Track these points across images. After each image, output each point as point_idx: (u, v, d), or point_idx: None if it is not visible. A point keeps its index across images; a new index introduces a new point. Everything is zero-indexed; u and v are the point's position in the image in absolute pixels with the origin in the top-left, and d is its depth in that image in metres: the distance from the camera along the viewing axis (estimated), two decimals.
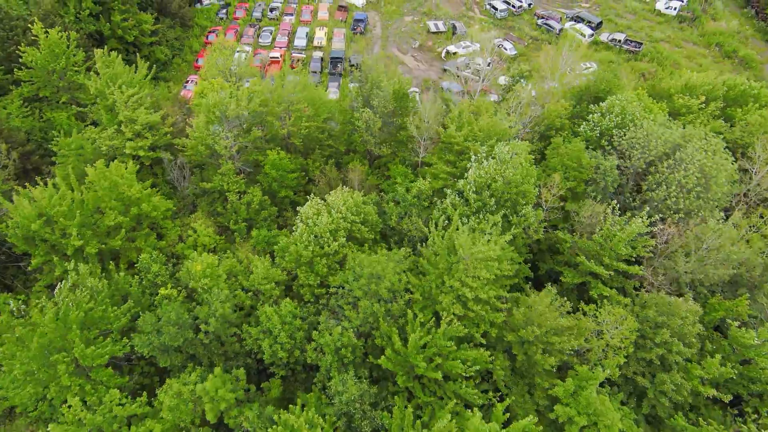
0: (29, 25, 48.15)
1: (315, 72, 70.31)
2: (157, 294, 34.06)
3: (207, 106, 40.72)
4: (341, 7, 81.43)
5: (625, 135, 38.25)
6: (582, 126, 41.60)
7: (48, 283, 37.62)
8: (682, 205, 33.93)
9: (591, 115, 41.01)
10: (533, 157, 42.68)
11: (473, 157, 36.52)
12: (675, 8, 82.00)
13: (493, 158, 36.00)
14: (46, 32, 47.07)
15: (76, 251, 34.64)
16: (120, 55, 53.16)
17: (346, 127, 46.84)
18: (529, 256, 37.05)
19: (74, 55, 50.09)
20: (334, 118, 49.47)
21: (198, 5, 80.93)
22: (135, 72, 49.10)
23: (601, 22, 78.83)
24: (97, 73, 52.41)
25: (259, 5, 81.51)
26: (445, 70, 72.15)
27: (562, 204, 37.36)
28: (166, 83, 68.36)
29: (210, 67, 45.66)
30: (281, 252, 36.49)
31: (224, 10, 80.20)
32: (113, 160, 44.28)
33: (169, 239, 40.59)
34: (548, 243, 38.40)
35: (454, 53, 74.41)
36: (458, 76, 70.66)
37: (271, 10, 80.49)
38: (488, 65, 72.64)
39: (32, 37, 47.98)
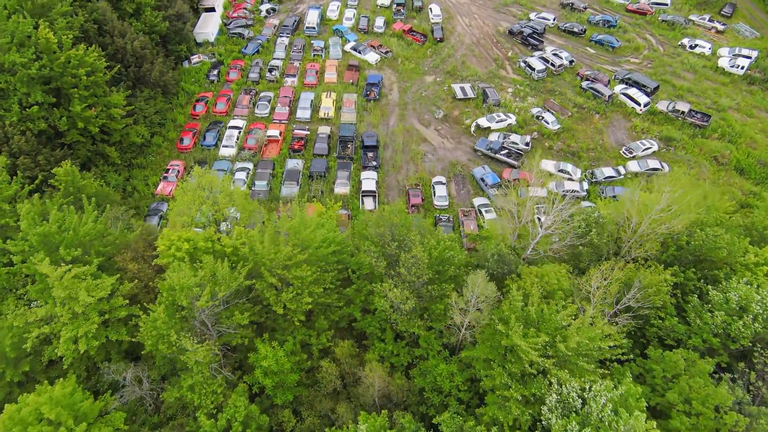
0: None
1: (321, 155, 58.23)
2: None
3: (169, 290, 28.86)
4: (352, 66, 69.16)
5: None
6: (692, 315, 29.38)
7: None
8: None
9: (713, 314, 28.83)
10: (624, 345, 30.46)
11: (554, 395, 24.61)
12: (742, 67, 69.16)
13: (584, 402, 23.97)
14: None
15: None
16: (74, 167, 41.96)
17: (363, 285, 34.80)
18: None
19: (8, 184, 38.11)
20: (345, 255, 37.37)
21: (185, 64, 68.94)
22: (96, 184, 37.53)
23: (657, 86, 66.20)
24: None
25: (256, 63, 69.32)
26: (476, 150, 59.86)
27: None
28: (142, 171, 56.56)
29: (180, 215, 33.56)
30: None
31: (215, 71, 68.12)
32: (49, 343, 32.74)
33: None
34: None
35: (486, 128, 62.11)
36: (493, 157, 58.46)
37: (270, 69, 68.31)
38: (527, 144, 60.51)
39: None
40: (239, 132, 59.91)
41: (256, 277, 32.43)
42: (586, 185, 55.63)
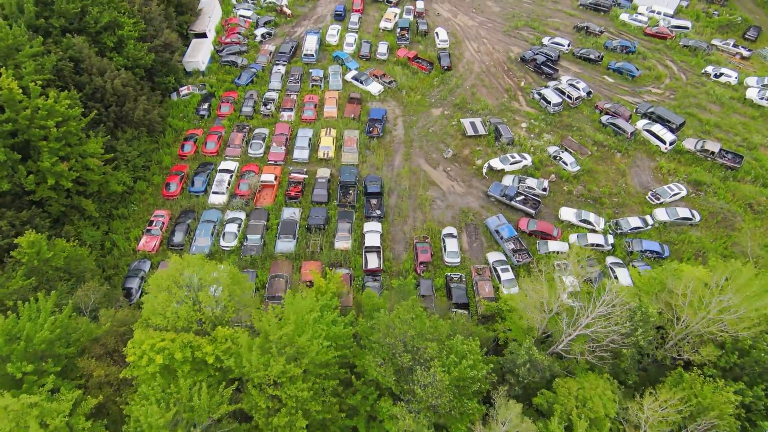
0: None
1: (319, 202, 53.14)
2: None
3: (135, 422, 23.81)
4: (353, 99, 63.99)
5: None
6: None
7: None
8: None
9: None
10: None
11: None
12: None
13: None
14: None
15: None
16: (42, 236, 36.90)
17: (369, 392, 29.75)
18: None
19: None
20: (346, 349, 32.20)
21: (173, 96, 63.76)
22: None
23: (683, 123, 61.14)
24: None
25: (250, 96, 64.13)
26: (488, 196, 54.79)
27: None
28: (124, 222, 51.42)
29: (153, 314, 28.32)
30: None
31: (206, 104, 62.90)
32: None
33: None
34: None
35: (500, 170, 57.02)
36: (508, 204, 53.37)
37: (265, 103, 63.12)
38: (544, 189, 55.47)
39: None
40: (231, 176, 54.74)
41: (241, 383, 27.39)
42: (611, 238, 50.58)
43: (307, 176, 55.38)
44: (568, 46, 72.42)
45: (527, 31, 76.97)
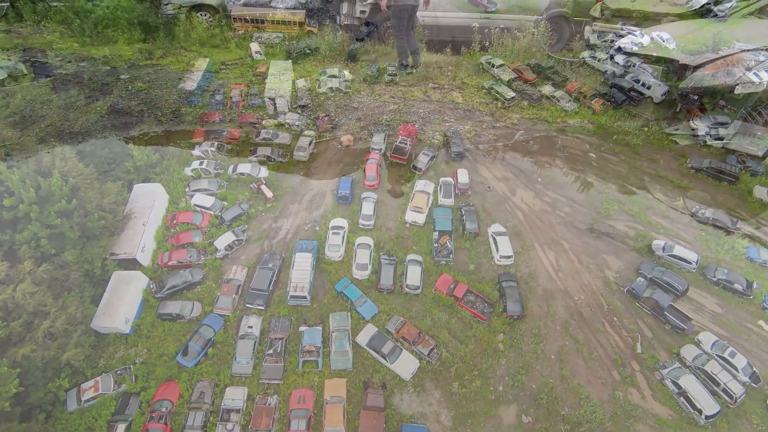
0: None
1: None
2: None
3: None
4: (371, 408, 37.56)
5: None
6: None
7: None
8: None
9: None
10: None
11: None
12: None
13: None
14: None
15: None
16: None
17: None
18: None
19: None
20: None
21: (70, 404, 36.98)
22: None
23: None
24: None
25: (200, 397, 37.45)
26: None
27: None
28: None
29: None
30: None
31: (123, 426, 36.26)
32: None
33: None
34: None
35: None
36: None
37: (224, 416, 36.49)
38: None
39: None
40: None
41: None
42: None
43: None
44: (696, 262, 46.49)
45: (624, 222, 50.89)
